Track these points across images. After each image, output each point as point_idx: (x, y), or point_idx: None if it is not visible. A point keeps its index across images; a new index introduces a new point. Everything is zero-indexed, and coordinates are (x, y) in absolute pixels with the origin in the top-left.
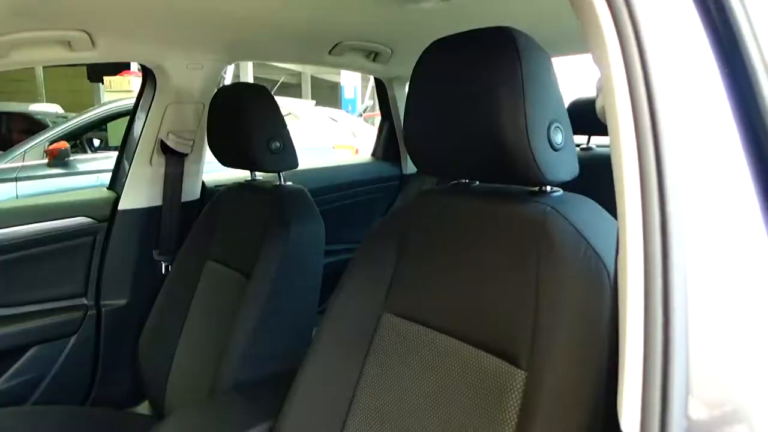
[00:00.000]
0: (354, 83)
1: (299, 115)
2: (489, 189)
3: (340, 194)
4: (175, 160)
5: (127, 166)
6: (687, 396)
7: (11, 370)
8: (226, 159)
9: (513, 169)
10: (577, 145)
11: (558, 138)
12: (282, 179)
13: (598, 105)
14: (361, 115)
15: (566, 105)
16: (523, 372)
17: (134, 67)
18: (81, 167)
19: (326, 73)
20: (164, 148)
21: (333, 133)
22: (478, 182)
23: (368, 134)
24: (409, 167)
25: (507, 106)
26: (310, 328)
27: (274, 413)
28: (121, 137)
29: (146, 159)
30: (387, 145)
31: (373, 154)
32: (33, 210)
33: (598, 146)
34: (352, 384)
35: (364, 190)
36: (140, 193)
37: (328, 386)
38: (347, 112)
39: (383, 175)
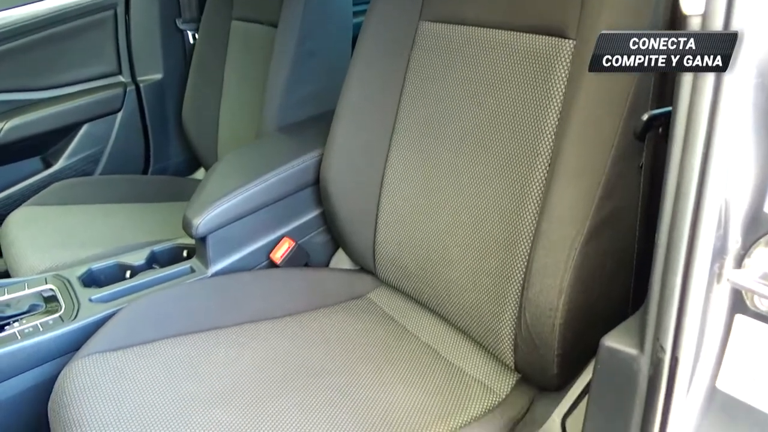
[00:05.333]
0: None
1: None
2: None
3: None
4: None
5: None
6: None
7: (70, 148)
8: None
9: None
10: None
11: None
12: None
13: None
14: None
15: None
16: (571, 41)
17: None
18: None
19: None
20: None
21: None
22: None
23: None
24: None
25: None
26: (347, 68)
27: (323, 143)
28: None
29: None
30: None
31: None
32: None
33: None
34: (395, 100)
35: None
36: None
37: (372, 105)
38: None
39: None
